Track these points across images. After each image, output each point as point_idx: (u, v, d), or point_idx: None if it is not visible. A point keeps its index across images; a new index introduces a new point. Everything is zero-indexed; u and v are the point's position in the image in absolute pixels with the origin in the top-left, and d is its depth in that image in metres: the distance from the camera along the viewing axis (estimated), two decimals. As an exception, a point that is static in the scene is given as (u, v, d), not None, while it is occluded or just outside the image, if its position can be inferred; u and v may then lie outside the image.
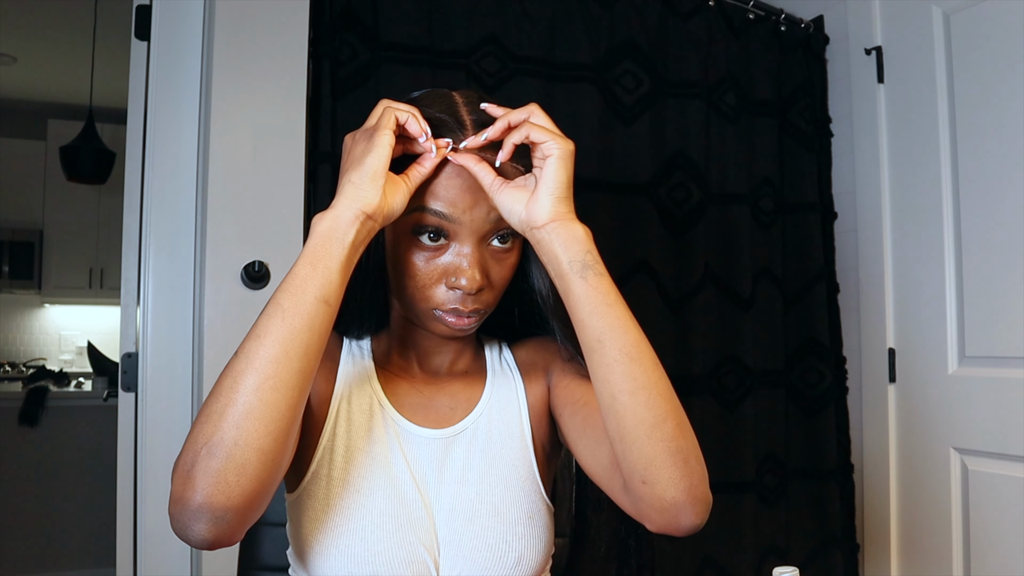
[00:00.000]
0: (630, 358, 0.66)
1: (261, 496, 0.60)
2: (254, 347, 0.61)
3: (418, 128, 0.68)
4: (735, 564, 1.80)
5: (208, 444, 0.58)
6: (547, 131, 0.68)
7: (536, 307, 0.82)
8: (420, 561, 0.73)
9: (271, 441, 0.59)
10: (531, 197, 0.68)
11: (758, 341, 1.89)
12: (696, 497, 0.67)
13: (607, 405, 0.67)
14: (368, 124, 0.69)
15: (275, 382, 0.60)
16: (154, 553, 1.41)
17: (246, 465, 0.58)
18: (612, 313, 0.67)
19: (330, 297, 0.63)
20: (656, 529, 0.69)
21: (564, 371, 0.84)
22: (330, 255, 0.64)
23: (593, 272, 0.67)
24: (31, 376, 3.84)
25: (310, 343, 0.62)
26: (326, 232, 0.64)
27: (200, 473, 0.57)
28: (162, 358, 1.45)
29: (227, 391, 0.59)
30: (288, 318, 0.61)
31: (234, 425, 0.58)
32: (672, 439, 0.66)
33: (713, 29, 1.87)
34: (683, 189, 1.80)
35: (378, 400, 0.80)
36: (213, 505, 0.57)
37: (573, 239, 0.67)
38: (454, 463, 0.79)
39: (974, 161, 1.74)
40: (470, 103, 0.74)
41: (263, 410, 0.59)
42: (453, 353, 0.85)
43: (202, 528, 0.58)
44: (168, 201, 1.47)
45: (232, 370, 0.60)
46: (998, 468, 1.66)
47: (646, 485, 0.66)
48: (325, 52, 1.48)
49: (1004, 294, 1.66)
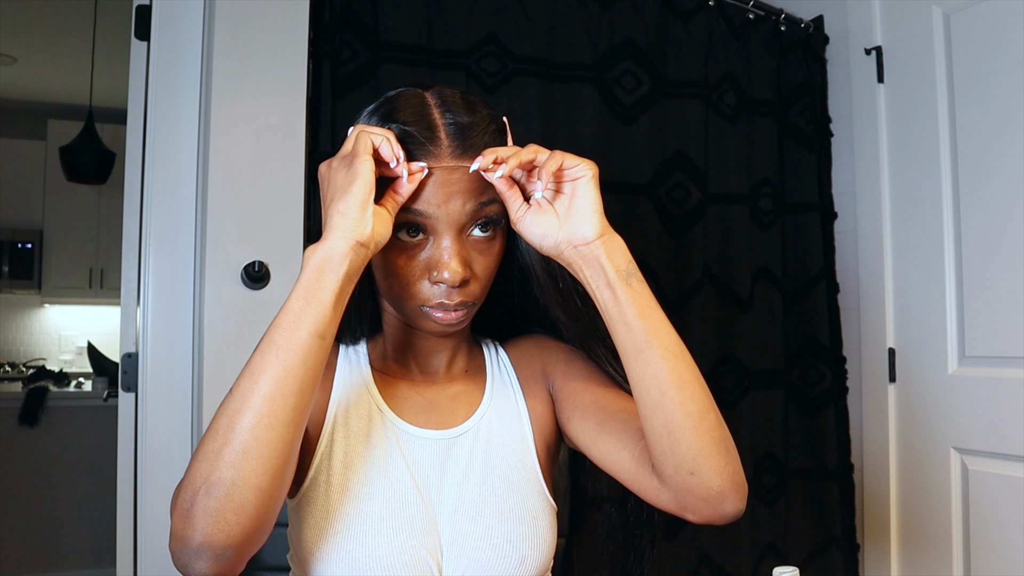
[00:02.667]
0: (675, 355, 0.69)
1: (260, 531, 0.61)
2: (248, 385, 0.61)
3: (390, 153, 0.67)
4: (732, 564, 1.81)
5: (206, 484, 0.58)
6: (575, 156, 0.70)
7: (532, 301, 0.83)
8: (423, 564, 0.73)
9: (268, 479, 0.60)
10: (567, 217, 0.70)
11: (756, 341, 1.89)
12: (738, 484, 0.70)
13: (655, 402, 0.68)
14: (344, 151, 0.68)
15: (271, 420, 0.60)
16: (154, 553, 1.41)
17: (244, 504, 0.59)
18: (656, 315, 0.69)
19: (325, 332, 0.63)
20: (700, 519, 0.71)
21: (567, 375, 0.84)
22: (324, 288, 0.63)
23: (636, 279, 0.70)
24: (31, 376, 3.84)
25: (305, 380, 0.62)
26: (320, 265, 0.64)
27: (199, 512, 0.58)
28: (162, 358, 1.45)
29: (224, 430, 0.60)
30: (282, 355, 0.61)
31: (231, 465, 0.59)
32: (716, 429, 0.69)
33: (713, 29, 1.87)
34: (682, 189, 1.80)
35: (376, 404, 0.79)
36: (213, 544, 0.58)
37: (618, 250, 0.70)
38: (456, 464, 0.79)
39: (974, 161, 1.74)
40: (443, 103, 0.73)
41: (259, 449, 0.59)
42: (449, 352, 0.85)
43: (203, 566, 0.59)
44: (168, 201, 1.47)
45: (228, 409, 0.60)
46: (998, 468, 1.66)
47: (694, 476, 0.68)
48: (325, 52, 1.48)
49: (1004, 294, 1.66)
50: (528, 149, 0.70)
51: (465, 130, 0.72)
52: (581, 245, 0.69)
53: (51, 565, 3.07)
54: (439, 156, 0.70)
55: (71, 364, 4.85)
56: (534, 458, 0.82)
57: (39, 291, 4.58)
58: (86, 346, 3.82)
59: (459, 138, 0.71)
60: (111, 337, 4.33)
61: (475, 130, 0.72)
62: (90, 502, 3.10)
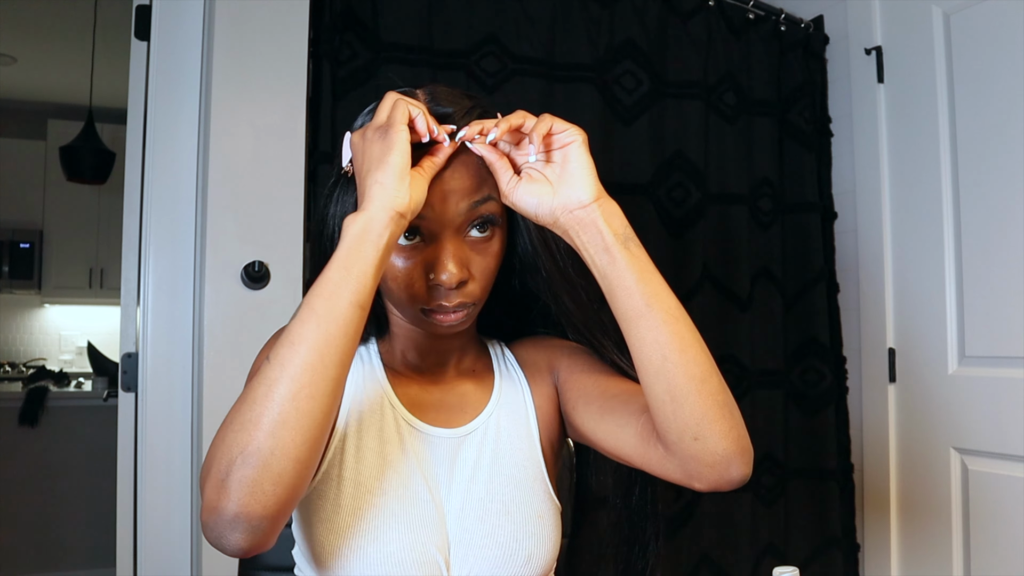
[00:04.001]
0: (675, 318, 0.68)
1: (294, 502, 0.60)
2: (288, 354, 0.60)
3: (424, 127, 0.67)
4: (732, 563, 1.81)
5: (243, 453, 0.57)
6: (563, 121, 0.69)
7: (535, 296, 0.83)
8: (432, 561, 0.74)
9: (307, 450, 0.59)
10: (561, 182, 0.69)
11: (756, 341, 1.89)
12: (743, 448, 0.70)
13: (657, 367, 0.68)
14: (379, 120, 0.68)
15: (311, 390, 0.59)
16: (154, 553, 1.41)
17: (283, 474, 0.58)
18: (656, 279, 0.69)
19: (364, 301, 0.63)
20: (707, 486, 0.71)
21: (571, 368, 0.84)
22: (364, 258, 0.63)
23: (634, 242, 0.69)
24: (31, 376, 3.84)
25: (345, 349, 0.61)
26: (360, 234, 0.63)
27: (235, 483, 0.57)
28: (162, 358, 1.45)
29: (261, 399, 0.59)
30: (323, 324, 0.60)
31: (269, 434, 0.58)
32: (718, 392, 0.68)
33: (713, 29, 1.87)
34: (682, 189, 1.80)
35: (389, 401, 0.80)
36: (250, 514, 0.57)
37: (614, 214, 0.69)
38: (464, 463, 0.79)
39: (974, 161, 1.74)
40: (432, 99, 0.74)
41: (299, 419, 0.58)
42: (456, 352, 0.85)
43: (238, 537, 0.58)
44: (168, 201, 1.47)
45: (265, 377, 0.59)
46: (998, 468, 1.66)
47: (698, 441, 0.68)
48: (325, 52, 1.48)
49: (1004, 294, 1.66)
50: (516, 114, 0.69)
51: (447, 120, 0.72)
52: (577, 209, 0.68)
53: (51, 565, 3.07)
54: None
55: (71, 364, 4.85)
56: (540, 457, 0.82)
57: (39, 291, 4.58)
58: (86, 346, 3.82)
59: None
60: (111, 337, 4.32)
61: (456, 116, 0.73)
62: (90, 502, 3.10)
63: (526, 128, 0.69)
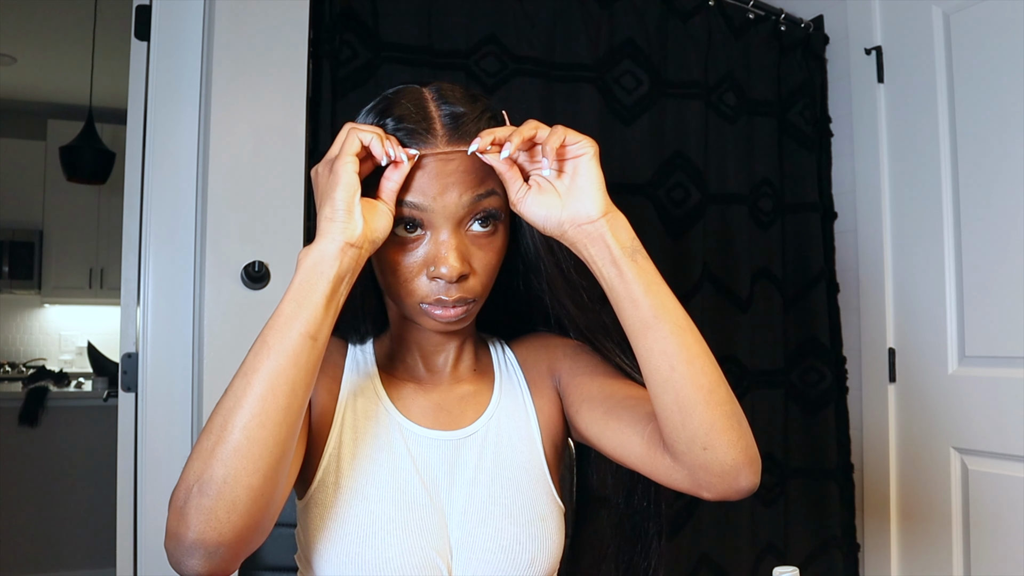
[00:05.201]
0: (683, 329, 0.69)
1: (254, 531, 0.61)
2: (241, 385, 0.61)
3: (380, 151, 0.67)
4: (731, 563, 1.81)
5: (199, 481, 0.59)
6: (576, 133, 0.69)
7: (538, 298, 0.83)
8: (432, 565, 0.73)
9: (260, 478, 0.60)
10: (569, 196, 0.69)
11: (756, 341, 1.89)
12: (752, 457, 0.69)
13: (665, 377, 0.68)
14: (331, 154, 0.68)
15: (262, 419, 0.60)
16: (154, 553, 1.41)
17: (236, 502, 0.59)
18: (663, 290, 0.70)
19: (316, 333, 0.64)
20: (715, 496, 0.71)
21: (572, 371, 0.84)
22: (315, 290, 0.64)
23: (641, 255, 0.70)
24: (31, 376, 3.83)
25: (296, 379, 0.62)
26: (310, 268, 0.64)
27: (192, 510, 0.58)
28: (162, 358, 1.45)
29: (217, 429, 0.60)
30: (274, 355, 0.62)
31: (222, 463, 0.59)
32: (726, 403, 0.69)
33: (713, 29, 1.87)
34: (682, 189, 1.80)
35: (384, 405, 0.79)
36: (205, 541, 0.58)
37: (622, 227, 0.70)
38: (465, 465, 0.78)
39: (974, 161, 1.74)
40: (440, 96, 0.73)
41: (251, 447, 0.60)
42: (455, 351, 0.84)
43: (196, 563, 0.59)
44: (168, 201, 1.47)
45: (222, 408, 0.61)
46: (998, 468, 1.66)
47: (707, 451, 0.68)
48: (325, 52, 1.48)
49: (1004, 294, 1.66)
50: (527, 125, 0.69)
51: (459, 118, 0.72)
52: (585, 224, 0.69)
53: (51, 565, 3.07)
54: (435, 145, 0.70)
55: (71, 364, 4.85)
56: (542, 458, 0.82)
57: (39, 291, 4.58)
58: (86, 346, 3.82)
59: (453, 127, 0.71)
60: (111, 337, 4.33)
61: (469, 118, 0.72)
62: (90, 502, 3.10)
63: (539, 139, 0.69)
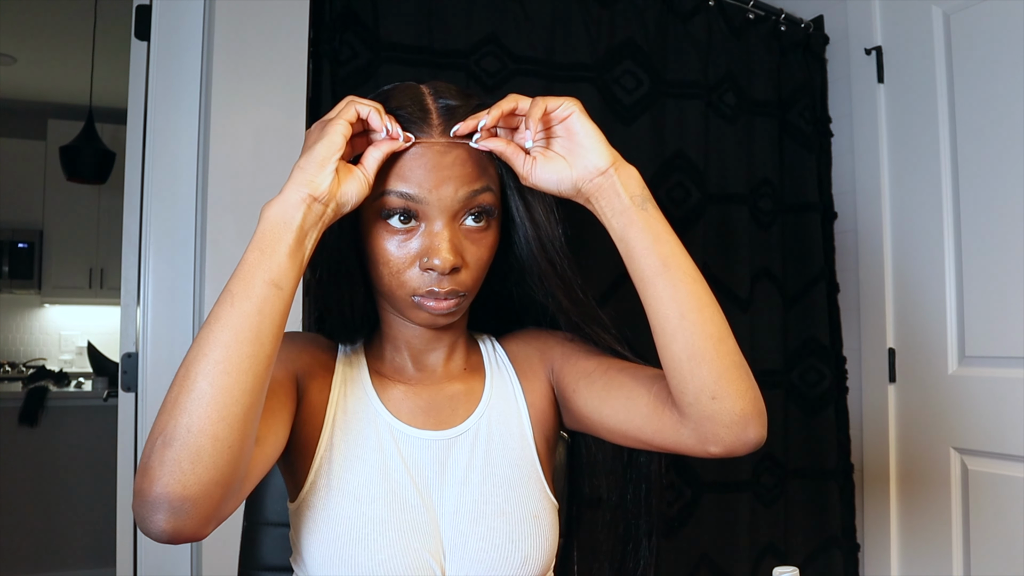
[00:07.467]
0: (693, 279, 0.70)
1: (222, 489, 0.59)
2: (204, 334, 0.61)
3: (379, 123, 0.68)
4: (731, 563, 1.81)
5: (163, 434, 0.58)
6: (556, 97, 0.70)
7: (530, 296, 0.83)
8: (426, 566, 0.73)
9: (225, 427, 0.58)
10: (573, 155, 0.70)
11: (755, 341, 1.89)
12: (760, 409, 0.71)
13: (675, 326, 0.69)
14: (327, 117, 0.69)
15: (225, 366, 0.59)
16: (154, 553, 1.41)
17: (200, 452, 0.57)
18: (672, 239, 0.71)
19: (280, 280, 0.63)
20: (722, 449, 0.71)
21: (566, 355, 0.84)
22: (278, 239, 0.64)
23: (651, 204, 0.72)
24: (31, 376, 3.84)
25: (261, 327, 0.61)
26: (273, 217, 0.65)
27: (156, 463, 0.57)
28: (162, 358, 1.45)
29: (180, 380, 0.59)
30: (237, 302, 0.61)
31: (186, 412, 0.58)
32: (735, 353, 0.70)
33: (713, 29, 1.87)
34: (682, 189, 1.80)
35: (374, 406, 0.79)
36: (170, 495, 0.56)
37: (631, 177, 0.72)
38: (456, 465, 0.78)
39: (974, 161, 1.74)
40: (436, 92, 0.75)
41: (214, 395, 0.58)
42: (446, 349, 0.84)
43: (160, 519, 0.57)
44: (168, 201, 1.47)
45: (186, 360, 0.60)
46: (998, 468, 1.66)
47: (716, 400, 0.69)
48: (325, 52, 1.48)
49: (1004, 294, 1.66)
50: (507, 99, 0.71)
51: (455, 111, 0.73)
52: (596, 176, 0.70)
53: (51, 565, 3.07)
54: (431, 136, 0.72)
55: (71, 364, 4.85)
56: (534, 455, 0.82)
57: (39, 291, 4.58)
58: (86, 346, 3.82)
59: (449, 119, 0.72)
60: (111, 337, 4.34)
61: (464, 111, 0.73)
62: (90, 502, 3.10)
63: (520, 110, 0.71)
